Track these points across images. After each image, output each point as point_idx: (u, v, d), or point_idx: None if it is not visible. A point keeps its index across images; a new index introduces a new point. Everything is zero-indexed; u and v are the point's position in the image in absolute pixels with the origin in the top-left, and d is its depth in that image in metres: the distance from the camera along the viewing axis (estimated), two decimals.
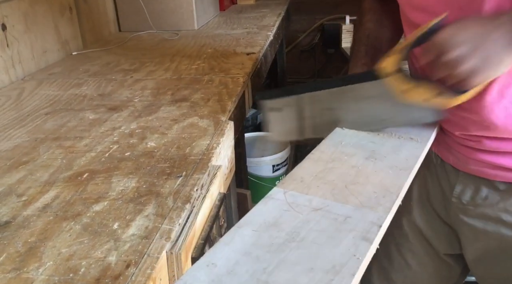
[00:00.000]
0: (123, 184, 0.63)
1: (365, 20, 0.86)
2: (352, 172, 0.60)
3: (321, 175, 0.59)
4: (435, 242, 0.84)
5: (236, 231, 0.48)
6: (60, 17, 1.35)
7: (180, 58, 1.29)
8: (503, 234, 0.73)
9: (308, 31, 2.71)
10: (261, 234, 0.48)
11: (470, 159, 0.73)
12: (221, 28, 1.71)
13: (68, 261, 0.48)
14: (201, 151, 0.72)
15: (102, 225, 0.54)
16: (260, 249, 0.45)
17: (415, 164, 0.63)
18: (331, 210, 0.51)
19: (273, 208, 0.52)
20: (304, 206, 0.53)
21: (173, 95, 0.98)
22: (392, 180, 0.58)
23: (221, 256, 0.45)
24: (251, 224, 0.49)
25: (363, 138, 0.70)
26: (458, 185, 0.77)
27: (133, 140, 0.77)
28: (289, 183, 0.58)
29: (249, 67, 1.15)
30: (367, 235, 0.47)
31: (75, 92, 1.04)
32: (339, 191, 0.56)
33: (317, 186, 0.57)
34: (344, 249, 0.45)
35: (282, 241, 0.47)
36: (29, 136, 0.81)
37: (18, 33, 1.16)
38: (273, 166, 1.90)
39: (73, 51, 1.41)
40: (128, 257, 0.48)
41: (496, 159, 0.71)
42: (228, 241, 0.47)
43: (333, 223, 0.49)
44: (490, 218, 0.74)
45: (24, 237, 0.52)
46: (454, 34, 0.58)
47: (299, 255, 0.45)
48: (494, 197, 0.73)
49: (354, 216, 0.50)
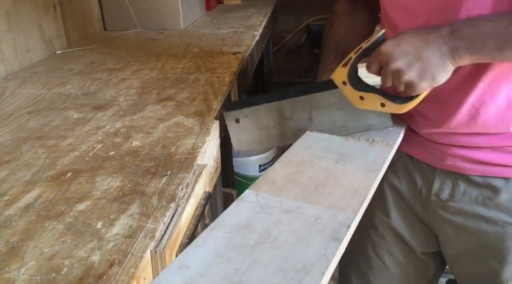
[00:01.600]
0: (107, 183, 0.63)
1: (336, 25, 0.88)
2: (322, 175, 0.62)
3: (292, 178, 0.61)
4: (411, 241, 0.85)
5: (209, 233, 0.49)
6: (44, 15, 1.34)
7: (166, 57, 1.29)
8: (483, 229, 0.75)
9: (294, 31, 2.72)
10: (233, 235, 0.49)
11: (447, 154, 0.75)
12: (207, 27, 1.71)
13: (51, 260, 0.48)
14: (187, 150, 0.71)
15: (85, 224, 0.54)
16: (232, 251, 0.46)
17: (382, 166, 0.65)
18: (302, 212, 0.53)
19: (245, 210, 0.53)
20: (275, 207, 0.54)
21: (159, 94, 0.97)
22: (361, 181, 0.60)
23: (194, 258, 0.45)
24: (223, 226, 0.50)
25: (333, 141, 0.72)
26: (436, 182, 0.78)
27: (117, 139, 0.76)
28: (261, 185, 0.59)
29: (235, 66, 1.15)
30: (337, 235, 0.49)
31: (59, 91, 1.02)
32: (310, 193, 0.57)
33: (289, 188, 0.58)
34: (314, 249, 0.47)
35: (254, 242, 0.48)
36: (12, 135, 0.79)
37: (1, 32, 1.15)
38: (260, 165, 1.91)
39: (57, 49, 1.40)
40: (112, 256, 0.48)
41: (472, 154, 0.73)
42: (201, 243, 0.48)
43: (304, 224, 0.51)
44: (470, 213, 0.75)
45: (5, 237, 0.52)
46: (396, 46, 0.63)
47: (271, 255, 0.46)
48: (472, 192, 0.75)
49: (324, 217, 0.52)
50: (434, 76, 0.62)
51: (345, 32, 0.86)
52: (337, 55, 0.84)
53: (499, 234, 0.73)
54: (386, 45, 0.64)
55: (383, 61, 0.64)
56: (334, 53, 0.85)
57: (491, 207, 0.74)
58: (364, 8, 0.88)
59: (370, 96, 0.69)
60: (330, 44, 0.86)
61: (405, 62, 0.62)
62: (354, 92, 0.70)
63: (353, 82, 0.69)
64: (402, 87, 0.65)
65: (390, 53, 0.63)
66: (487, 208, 0.74)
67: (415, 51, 0.62)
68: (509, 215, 0.73)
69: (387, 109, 0.69)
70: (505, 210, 0.73)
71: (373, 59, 0.66)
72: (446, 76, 0.63)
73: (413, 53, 0.62)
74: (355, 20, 0.87)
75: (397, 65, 0.63)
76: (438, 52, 0.61)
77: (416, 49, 0.62)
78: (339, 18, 0.88)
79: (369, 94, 0.69)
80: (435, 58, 0.61)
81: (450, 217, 0.78)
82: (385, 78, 0.65)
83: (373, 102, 0.69)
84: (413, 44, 0.62)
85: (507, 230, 0.73)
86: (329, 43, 0.87)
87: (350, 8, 0.88)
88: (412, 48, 0.62)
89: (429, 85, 0.64)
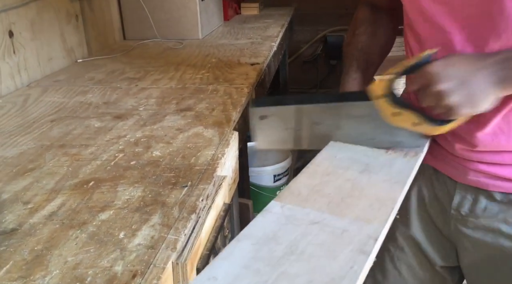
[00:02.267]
0: (129, 193, 0.63)
1: (358, 32, 0.87)
2: (347, 185, 0.61)
3: (317, 189, 0.61)
4: (431, 254, 0.85)
5: (235, 245, 0.49)
6: (66, 24, 1.37)
7: (184, 67, 1.30)
8: (503, 245, 0.74)
9: (311, 42, 2.73)
10: (260, 247, 0.48)
11: (469, 169, 0.74)
12: (225, 38, 1.73)
13: (75, 269, 0.48)
14: (206, 161, 0.72)
15: (108, 234, 0.54)
16: (260, 262, 0.46)
17: (408, 177, 0.64)
18: (328, 223, 0.53)
19: (271, 222, 0.53)
20: (301, 219, 0.54)
21: (178, 104, 0.99)
22: (387, 193, 0.60)
23: (221, 270, 0.45)
24: (250, 237, 0.50)
25: (357, 152, 0.71)
26: (456, 196, 0.77)
27: (138, 149, 0.77)
28: (286, 196, 0.59)
29: (253, 77, 1.16)
30: (364, 248, 0.48)
31: (80, 99, 1.04)
32: (336, 204, 0.57)
33: (314, 199, 0.58)
34: (342, 262, 0.46)
35: (281, 254, 0.47)
36: (35, 143, 0.81)
37: (25, 40, 1.17)
38: (274, 176, 1.90)
39: (78, 58, 1.42)
40: (134, 267, 0.48)
41: (495, 170, 0.72)
42: (228, 255, 0.47)
43: (330, 236, 0.50)
44: (489, 229, 0.75)
45: (30, 245, 0.53)
46: (444, 68, 0.62)
47: (298, 268, 0.45)
48: (493, 208, 0.74)
49: (350, 229, 0.51)
50: (477, 103, 0.61)
51: (368, 39, 0.86)
52: (360, 63, 0.83)
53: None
54: (433, 66, 0.62)
55: (428, 81, 0.62)
56: (357, 61, 0.84)
57: (511, 224, 0.73)
58: (387, 16, 0.87)
59: (404, 114, 0.68)
60: (353, 53, 0.85)
61: (451, 85, 0.61)
62: (388, 107, 0.69)
63: (389, 97, 0.68)
64: (441, 110, 0.63)
65: (437, 74, 0.61)
66: (508, 225, 0.73)
67: (463, 76, 0.61)
68: None
69: (419, 129, 0.68)
70: None
71: (417, 77, 0.64)
72: (488, 105, 0.62)
73: (460, 78, 0.61)
74: (378, 28, 0.87)
75: (442, 87, 0.61)
76: (485, 80, 0.60)
77: (464, 74, 0.61)
78: (362, 25, 0.87)
79: (404, 111, 0.68)
80: (481, 86, 0.60)
81: (469, 232, 0.77)
82: (425, 98, 0.64)
83: (406, 120, 0.68)
84: (462, 69, 0.61)
85: None
86: (352, 51, 0.86)
87: (373, 15, 0.88)
88: (460, 72, 0.61)
89: (469, 111, 0.62)
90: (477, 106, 0.62)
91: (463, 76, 0.61)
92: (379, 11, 0.88)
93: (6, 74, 1.10)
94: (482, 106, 0.62)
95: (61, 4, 1.34)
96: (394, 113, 0.69)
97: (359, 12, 0.90)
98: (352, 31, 0.88)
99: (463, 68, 0.61)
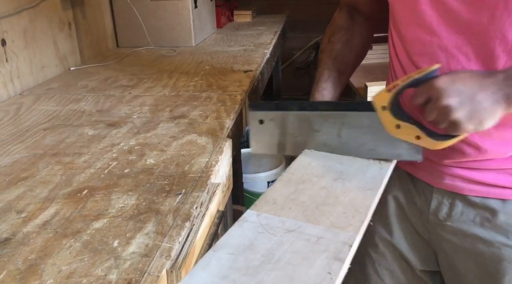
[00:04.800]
0: (123, 201, 0.63)
1: (334, 39, 0.87)
2: (322, 193, 0.62)
3: (293, 197, 0.62)
4: (412, 259, 0.86)
5: (212, 255, 0.50)
6: (59, 32, 1.37)
7: (178, 74, 1.31)
8: (480, 250, 0.75)
9: (303, 49, 2.75)
10: (237, 257, 0.49)
11: (445, 174, 0.76)
12: (218, 45, 1.73)
13: (69, 279, 0.48)
14: (200, 168, 0.72)
15: (102, 242, 0.54)
16: (237, 272, 0.47)
17: (381, 184, 0.65)
18: (303, 231, 0.54)
19: (247, 231, 0.54)
20: (277, 228, 0.54)
21: (172, 112, 0.99)
22: (360, 200, 0.61)
23: (198, 281, 0.46)
24: (226, 247, 0.51)
25: (331, 159, 0.72)
26: (433, 201, 0.79)
27: (132, 157, 0.77)
28: (262, 205, 0.59)
29: (247, 84, 1.17)
30: (339, 255, 0.49)
31: (73, 107, 1.04)
32: (311, 212, 0.58)
33: (289, 208, 0.59)
34: (318, 269, 0.47)
35: (258, 263, 0.48)
36: (28, 151, 0.81)
37: (18, 49, 1.17)
38: (268, 182, 1.91)
39: (71, 66, 1.42)
40: (129, 275, 0.48)
41: (471, 174, 0.73)
42: (205, 265, 0.48)
43: (306, 244, 0.51)
44: (467, 234, 0.76)
45: (24, 254, 0.52)
46: (451, 83, 0.62)
47: (275, 276, 0.46)
48: (470, 212, 0.75)
49: (326, 237, 0.52)
50: (482, 120, 0.62)
51: (343, 48, 0.86)
52: (331, 73, 0.84)
53: (495, 255, 0.74)
54: (440, 80, 0.62)
55: (434, 95, 0.63)
56: (329, 71, 0.84)
57: (488, 228, 0.74)
58: (365, 23, 0.88)
59: (407, 127, 0.68)
60: (326, 61, 0.86)
61: (457, 101, 0.61)
62: (392, 119, 0.69)
63: (394, 109, 0.69)
64: (446, 124, 0.63)
65: (444, 89, 0.62)
66: (484, 229, 0.74)
67: (470, 92, 0.61)
68: (506, 237, 0.73)
69: (421, 143, 0.68)
70: (502, 231, 0.73)
71: (423, 90, 0.64)
72: (493, 122, 0.62)
73: (467, 94, 0.61)
74: (354, 36, 0.87)
75: (448, 102, 0.61)
76: (492, 97, 0.61)
77: (471, 90, 0.61)
78: (338, 32, 0.88)
79: (407, 125, 0.68)
80: (487, 103, 0.61)
81: (448, 236, 0.78)
82: (431, 112, 0.64)
83: (409, 133, 0.68)
84: (468, 85, 0.62)
85: (503, 252, 0.73)
86: (326, 59, 0.86)
87: (350, 22, 0.88)
88: (467, 88, 0.61)
89: (474, 128, 0.63)
90: (482, 123, 0.62)
91: (470, 92, 0.61)
92: (357, 17, 0.88)
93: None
94: (487, 123, 0.62)
95: (54, 12, 1.34)
96: (397, 125, 0.69)
97: (337, 17, 0.90)
98: (328, 37, 0.89)
99: (470, 84, 0.61)
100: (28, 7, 1.21)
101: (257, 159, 2.04)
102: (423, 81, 0.65)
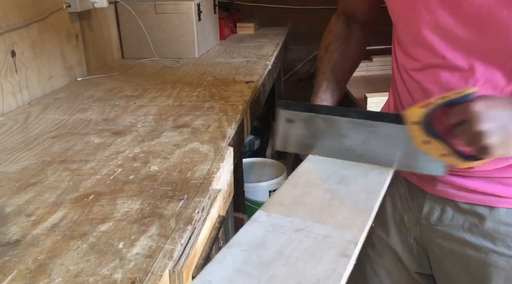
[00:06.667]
0: (128, 206, 0.66)
1: (331, 48, 0.90)
2: (327, 196, 0.66)
3: (299, 199, 0.65)
4: (407, 261, 0.88)
5: (227, 251, 0.53)
6: (67, 44, 1.41)
7: (181, 85, 1.34)
8: (468, 255, 0.77)
9: (305, 61, 2.79)
10: (250, 253, 0.52)
11: (438, 181, 0.78)
12: (221, 56, 1.77)
13: (76, 277, 0.51)
14: (202, 175, 0.75)
15: (108, 244, 0.57)
16: (250, 267, 0.50)
17: (382, 187, 0.69)
18: (311, 230, 0.57)
19: (259, 230, 0.57)
20: (286, 227, 0.58)
21: (175, 121, 1.02)
22: (363, 202, 0.64)
23: (215, 274, 0.49)
24: (239, 244, 0.54)
25: (334, 164, 0.76)
26: (426, 206, 0.81)
27: (136, 164, 0.80)
28: (270, 206, 0.63)
29: (248, 95, 1.20)
30: (346, 252, 0.53)
31: (80, 116, 1.07)
32: (317, 213, 0.61)
33: (297, 209, 0.62)
34: (326, 264, 0.50)
35: (269, 259, 0.51)
36: (37, 158, 0.84)
37: (27, 60, 1.21)
38: (270, 191, 1.93)
39: (78, 77, 1.46)
40: (133, 275, 0.51)
41: (461, 181, 0.76)
42: (221, 260, 0.51)
43: (314, 242, 0.55)
44: (456, 239, 0.78)
45: (33, 255, 0.55)
46: (487, 109, 0.63)
47: (286, 271, 0.49)
48: (459, 218, 0.77)
49: (332, 235, 0.56)
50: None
51: (340, 57, 0.88)
52: (329, 83, 0.87)
53: (482, 260, 0.76)
54: (476, 105, 0.62)
55: (469, 118, 0.63)
56: (327, 81, 0.87)
57: (476, 234, 0.76)
58: (360, 30, 0.91)
59: (435, 143, 0.69)
60: (324, 71, 0.88)
61: (491, 127, 0.61)
62: (420, 134, 0.70)
63: (425, 126, 0.69)
64: (476, 147, 0.64)
65: (479, 114, 0.62)
66: (472, 235, 0.76)
67: (504, 120, 0.62)
68: (493, 243, 0.75)
69: (446, 160, 0.70)
70: (490, 237, 0.75)
71: (458, 112, 0.64)
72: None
73: (502, 121, 0.62)
74: (351, 44, 0.90)
75: (483, 127, 0.61)
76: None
77: (506, 118, 0.62)
78: (336, 41, 0.90)
79: (435, 141, 0.69)
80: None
81: (439, 240, 0.80)
82: (462, 134, 0.64)
83: (435, 149, 0.70)
84: (505, 112, 0.62)
85: (490, 258, 0.75)
86: (323, 69, 0.88)
87: (346, 30, 0.90)
88: (503, 116, 0.62)
89: (503, 154, 0.64)
90: (511, 150, 0.63)
91: (504, 120, 0.62)
92: (353, 25, 0.91)
93: (8, 93, 1.14)
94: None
95: (62, 25, 1.38)
96: (425, 141, 0.70)
97: (333, 25, 0.92)
98: (325, 46, 0.91)
99: (506, 112, 0.62)
100: (37, 20, 1.25)
101: (258, 168, 2.07)
102: (458, 102, 0.66)
